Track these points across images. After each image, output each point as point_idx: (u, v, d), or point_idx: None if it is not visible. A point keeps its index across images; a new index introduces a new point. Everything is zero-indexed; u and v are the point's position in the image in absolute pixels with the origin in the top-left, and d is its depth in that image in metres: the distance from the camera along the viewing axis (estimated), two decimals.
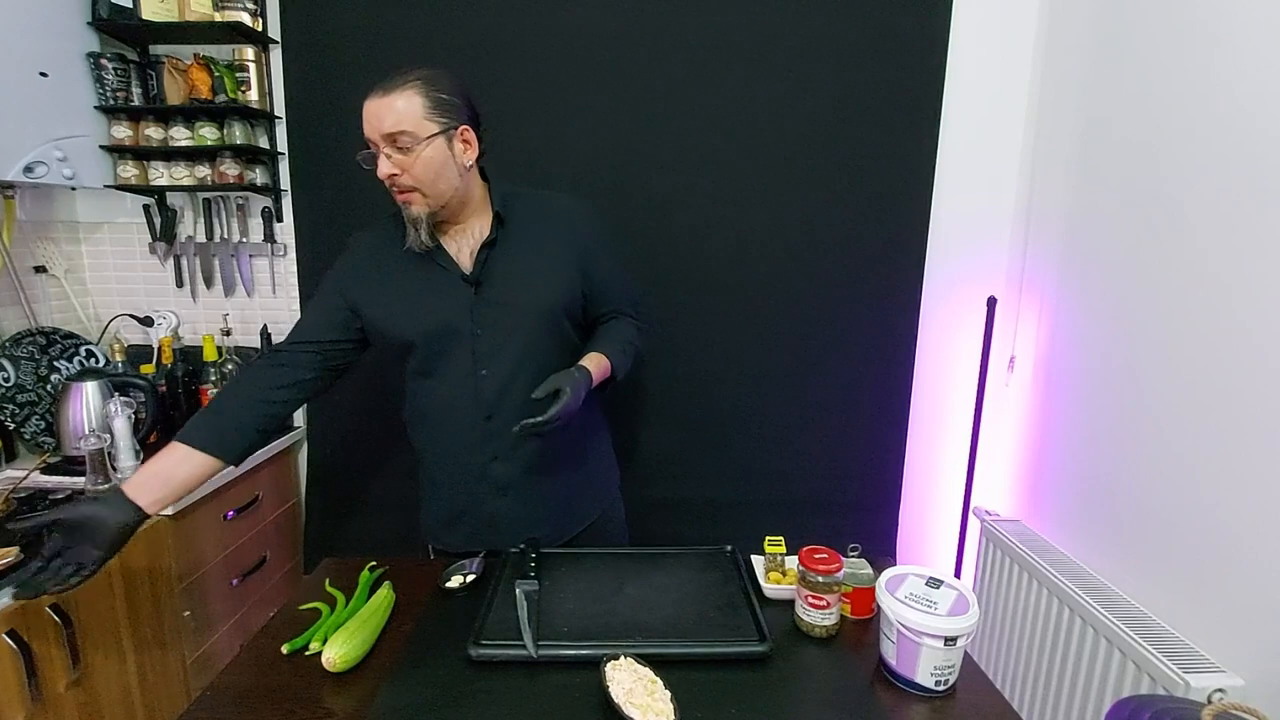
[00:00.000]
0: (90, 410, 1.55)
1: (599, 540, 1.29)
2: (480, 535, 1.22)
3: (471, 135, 1.10)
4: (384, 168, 1.05)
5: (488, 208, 1.17)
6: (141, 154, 1.74)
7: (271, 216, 1.86)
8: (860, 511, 1.88)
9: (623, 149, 1.74)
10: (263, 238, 1.88)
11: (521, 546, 1.13)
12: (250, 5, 1.68)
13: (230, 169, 1.74)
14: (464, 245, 1.16)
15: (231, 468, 1.12)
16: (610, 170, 1.74)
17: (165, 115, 1.72)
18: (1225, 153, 1.14)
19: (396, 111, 1.03)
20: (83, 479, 1.42)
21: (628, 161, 1.74)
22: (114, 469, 1.45)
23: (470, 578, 1.09)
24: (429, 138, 1.05)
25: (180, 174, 1.76)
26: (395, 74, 1.05)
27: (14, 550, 1.15)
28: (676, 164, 1.74)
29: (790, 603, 1.01)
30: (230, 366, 1.83)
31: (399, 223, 1.16)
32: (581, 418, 1.18)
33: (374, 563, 1.13)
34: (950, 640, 0.83)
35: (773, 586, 1.06)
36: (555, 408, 1.04)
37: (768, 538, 1.13)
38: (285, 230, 1.87)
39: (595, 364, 1.15)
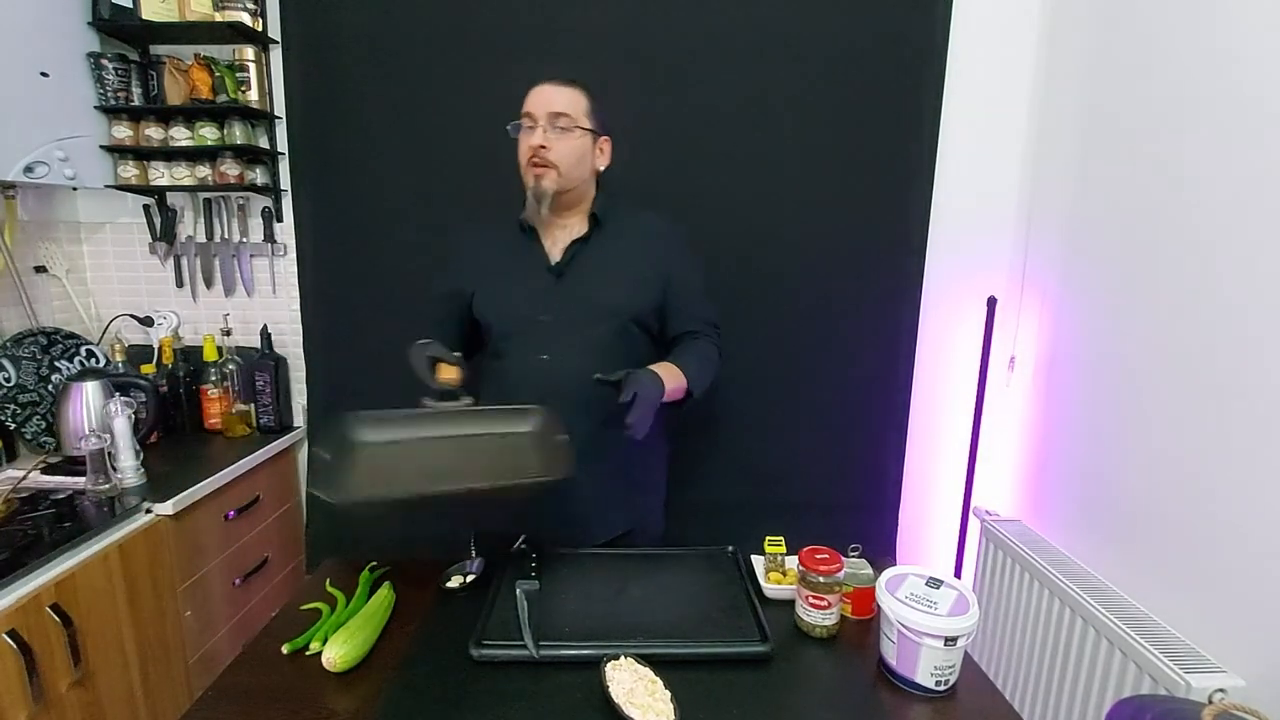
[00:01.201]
0: (91, 410, 1.55)
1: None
2: (514, 521, 1.24)
3: (608, 147, 1.27)
4: (536, 137, 1.17)
5: (588, 209, 1.27)
6: (142, 154, 1.75)
7: (271, 216, 1.87)
8: (860, 512, 1.88)
9: (622, 149, 1.73)
10: (263, 238, 1.88)
11: (522, 547, 1.13)
12: (250, 5, 1.68)
13: (230, 169, 1.74)
14: (559, 240, 1.25)
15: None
16: (609, 170, 1.73)
17: (166, 115, 1.72)
18: (1226, 152, 1.14)
19: (569, 96, 1.18)
20: (83, 479, 1.42)
21: (627, 161, 1.73)
22: (114, 469, 1.45)
23: (471, 578, 1.09)
24: (583, 130, 1.20)
25: (181, 174, 1.76)
26: (563, 75, 1.20)
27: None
28: (676, 164, 1.73)
29: (791, 603, 1.02)
30: (231, 366, 1.83)
31: (505, 216, 1.27)
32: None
33: (374, 563, 1.14)
34: (950, 640, 0.83)
35: (773, 587, 1.06)
36: (631, 390, 1.06)
37: (768, 538, 1.13)
38: (285, 230, 1.87)
39: (669, 374, 1.16)
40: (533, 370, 1.22)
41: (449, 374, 1.17)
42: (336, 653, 0.88)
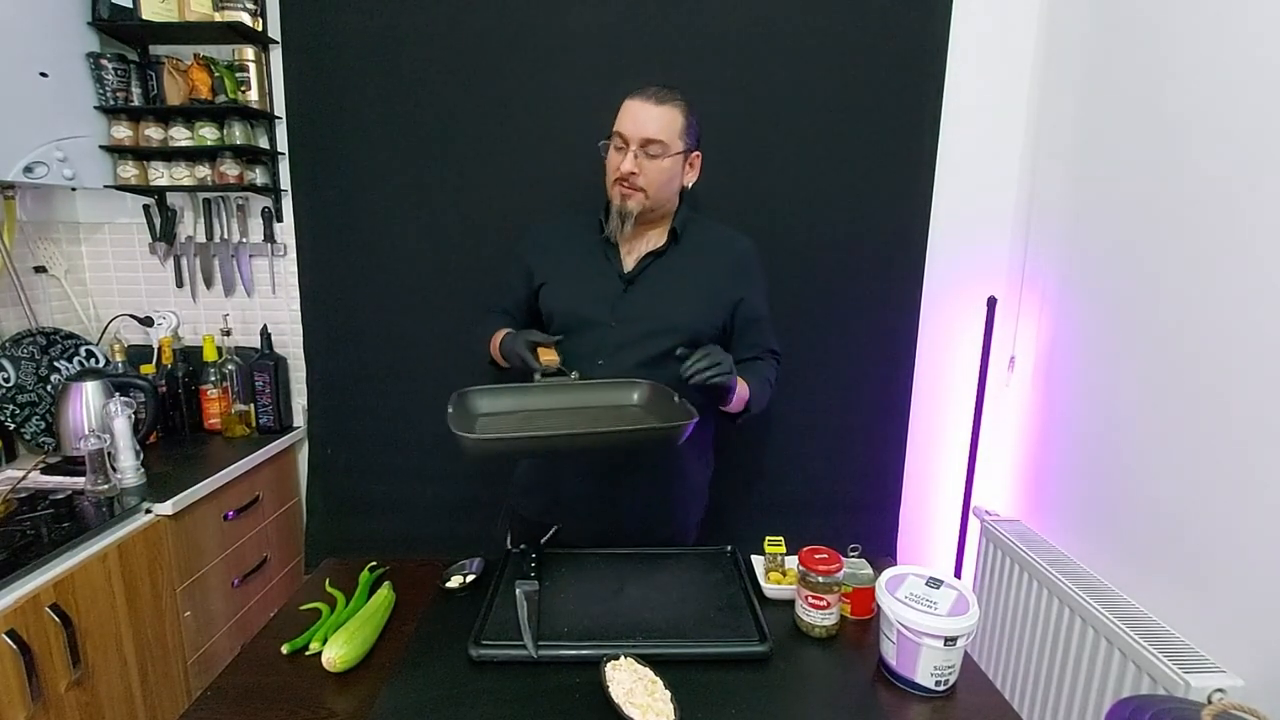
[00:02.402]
0: (90, 410, 1.55)
1: None
2: (552, 511, 1.26)
3: (698, 162, 1.25)
4: (627, 164, 1.16)
5: (668, 222, 1.26)
6: (141, 154, 1.74)
7: (271, 216, 1.86)
8: (860, 512, 1.88)
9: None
10: (263, 238, 1.88)
11: (522, 547, 1.13)
12: (250, 5, 1.68)
13: (230, 169, 1.74)
14: (636, 249, 1.25)
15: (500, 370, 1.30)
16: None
17: (165, 115, 1.72)
18: (1226, 152, 1.14)
19: (662, 120, 1.15)
20: (82, 479, 1.42)
21: None
22: (114, 469, 1.45)
23: (470, 578, 1.09)
24: (676, 154, 1.17)
25: (180, 174, 1.76)
26: (665, 88, 1.18)
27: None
28: None
29: (790, 603, 1.02)
30: (230, 367, 1.83)
31: (587, 214, 1.29)
32: (689, 441, 1.17)
33: (374, 563, 1.13)
34: (950, 640, 0.83)
35: (773, 587, 1.06)
36: (706, 352, 1.08)
37: (768, 538, 1.13)
38: (285, 230, 1.87)
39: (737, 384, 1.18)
40: (590, 371, 1.21)
41: (550, 356, 1.17)
42: (336, 653, 0.88)
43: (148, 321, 1.89)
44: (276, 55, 1.76)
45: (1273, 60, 1.05)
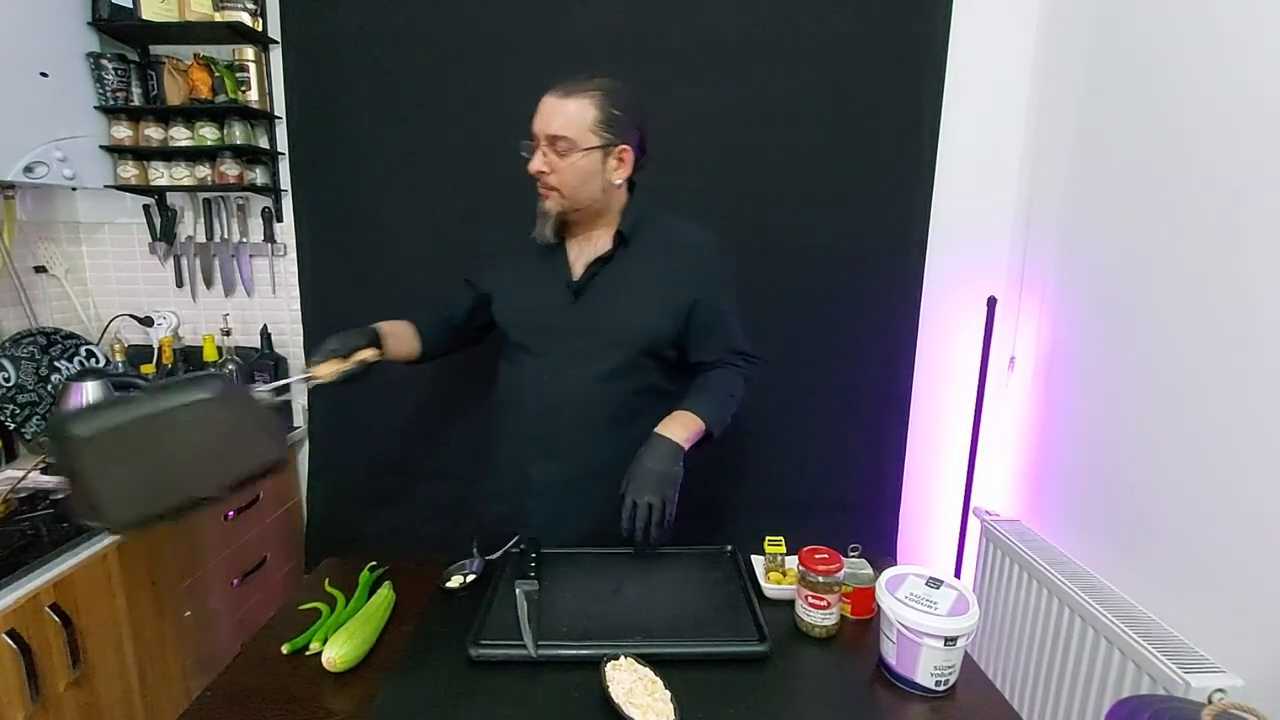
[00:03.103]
0: None
1: None
2: (513, 520, 1.24)
3: (629, 155, 1.13)
4: (535, 163, 1.10)
5: (614, 223, 1.18)
6: (142, 154, 1.74)
7: (271, 216, 1.86)
8: (860, 512, 1.87)
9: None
10: (263, 238, 1.88)
11: (521, 547, 1.13)
12: (250, 5, 1.68)
13: (230, 169, 1.74)
14: (583, 254, 1.18)
15: (410, 363, 1.28)
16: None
17: (165, 115, 1.72)
18: (1225, 152, 1.14)
19: (566, 116, 1.06)
20: None
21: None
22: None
23: (470, 578, 1.09)
24: (587, 150, 1.08)
25: (180, 174, 1.76)
26: (581, 77, 1.09)
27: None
28: (676, 164, 1.73)
29: (790, 603, 1.01)
30: (230, 366, 1.83)
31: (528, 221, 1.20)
32: (632, 449, 1.14)
33: (374, 563, 1.13)
34: (950, 640, 0.83)
35: (773, 586, 1.06)
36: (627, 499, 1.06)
37: (768, 538, 1.13)
38: (285, 230, 1.87)
39: (680, 425, 1.13)
40: (541, 389, 1.20)
41: (330, 369, 1.08)
42: (336, 653, 0.87)
43: (148, 321, 1.89)
44: (276, 55, 1.76)
45: (1272, 60, 1.05)
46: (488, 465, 1.35)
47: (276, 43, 1.75)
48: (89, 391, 1.56)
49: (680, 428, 1.13)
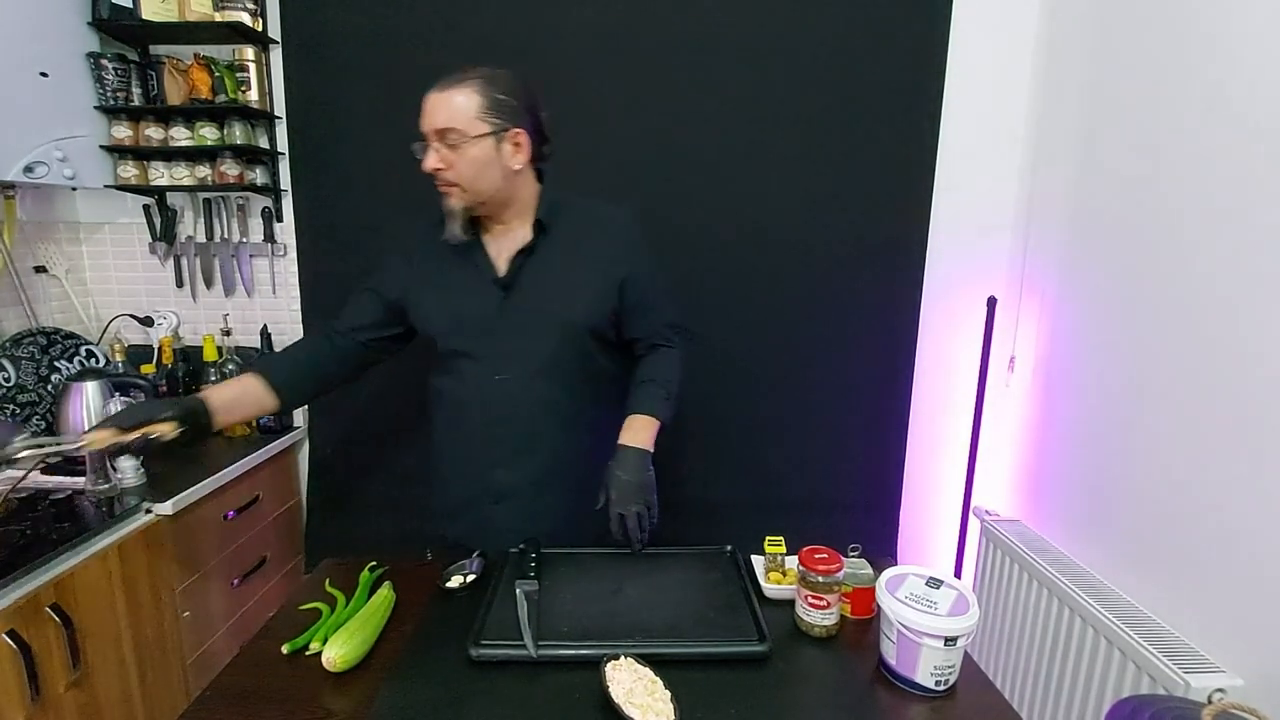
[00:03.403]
0: (90, 410, 1.55)
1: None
2: (476, 534, 1.21)
3: (524, 139, 1.10)
4: (429, 161, 1.08)
5: (530, 212, 1.17)
6: (142, 154, 1.74)
7: (271, 216, 1.86)
8: (860, 511, 1.88)
9: (622, 149, 1.74)
10: (263, 238, 1.88)
11: (521, 546, 1.13)
12: (250, 5, 1.68)
13: (230, 169, 1.74)
14: (505, 247, 1.16)
15: (274, 415, 1.21)
16: (609, 170, 1.74)
17: (165, 115, 1.72)
18: (1226, 152, 1.14)
19: (450, 108, 1.05)
20: (82, 479, 1.42)
21: (627, 161, 1.74)
22: (113, 469, 1.44)
23: (470, 578, 1.09)
24: (477, 137, 1.06)
25: (180, 174, 1.76)
26: (459, 71, 1.07)
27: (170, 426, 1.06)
28: (676, 164, 1.74)
29: (790, 603, 1.01)
30: (231, 366, 1.83)
31: (440, 223, 1.17)
32: (593, 436, 1.20)
33: (374, 563, 1.13)
34: (950, 640, 0.83)
35: (773, 586, 1.06)
36: (612, 509, 1.10)
37: (768, 538, 1.13)
38: (285, 230, 1.87)
39: (639, 430, 1.17)
40: (489, 392, 1.17)
41: (101, 437, 1.00)
42: (336, 653, 0.87)
43: (148, 321, 1.89)
44: (276, 55, 1.76)
45: (1274, 60, 1.05)
46: (434, 489, 1.30)
47: (276, 43, 1.75)
48: (89, 392, 1.56)
49: (642, 433, 1.17)
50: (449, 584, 1.08)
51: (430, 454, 1.30)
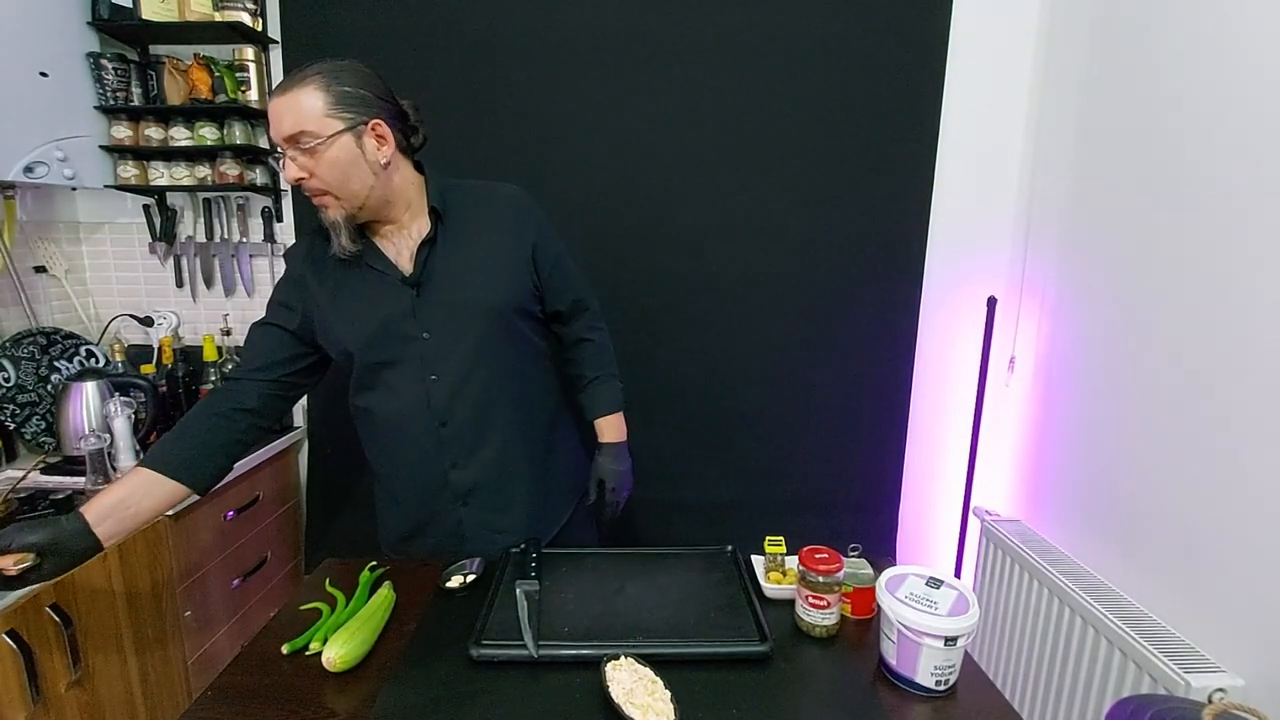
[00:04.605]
0: (90, 410, 1.55)
1: (575, 542, 1.25)
2: (446, 546, 1.19)
3: (385, 130, 1.04)
4: (290, 171, 1.00)
5: (424, 204, 1.11)
6: (142, 154, 1.74)
7: (271, 216, 1.86)
8: (860, 511, 1.88)
9: (622, 149, 1.74)
10: (263, 238, 1.88)
11: (522, 546, 1.13)
12: (250, 5, 1.68)
13: (230, 169, 1.74)
14: (402, 246, 1.11)
15: (196, 496, 1.07)
16: (610, 170, 1.74)
17: (165, 115, 1.72)
18: (1226, 152, 1.14)
19: (296, 111, 0.97)
20: (83, 479, 1.42)
21: (627, 161, 1.74)
22: (114, 469, 1.45)
23: (470, 578, 1.09)
24: (331, 136, 0.99)
25: (180, 174, 1.76)
26: (296, 71, 1.00)
27: (31, 555, 1.07)
28: (676, 164, 1.74)
29: (791, 603, 1.01)
30: (230, 366, 1.83)
31: (321, 237, 1.11)
32: (546, 414, 1.25)
33: (374, 563, 1.13)
34: (950, 640, 0.83)
35: (773, 586, 1.06)
36: (609, 499, 1.25)
37: (768, 538, 1.13)
38: (285, 230, 1.87)
39: (614, 428, 1.31)
40: (424, 394, 1.11)
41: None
42: (336, 653, 0.87)
43: (148, 321, 1.89)
44: (276, 55, 1.76)
45: (1274, 62, 1.05)
46: (386, 515, 1.25)
47: (276, 43, 1.75)
48: (89, 392, 1.56)
49: (617, 428, 1.31)
50: (449, 584, 1.08)
51: (371, 481, 1.26)
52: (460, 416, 1.14)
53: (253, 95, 1.74)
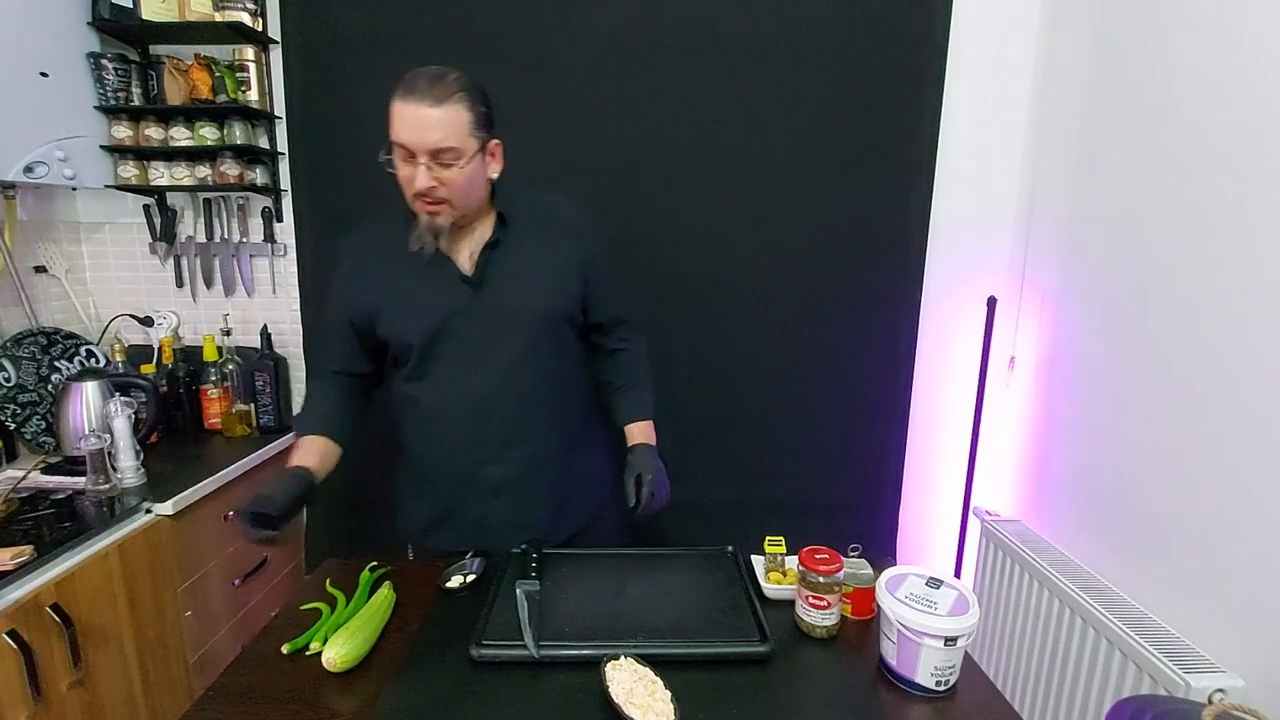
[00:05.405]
0: (90, 410, 1.55)
1: (592, 543, 1.27)
2: (468, 537, 1.21)
3: (499, 149, 1.10)
4: (422, 180, 1.02)
5: (489, 208, 1.15)
6: (142, 154, 1.74)
7: (271, 216, 1.86)
8: (860, 512, 1.88)
9: (624, 149, 1.74)
10: (263, 238, 1.88)
11: (523, 546, 1.13)
12: (250, 5, 1.68)
13: (230, 169, 1.74)
14: (464, 246, 1.14)
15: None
16: (610, 170, 1.74)
17: (166, 115, 1.72)
18: (1226, 152, 1.14)
19: (445, 125, 0.99)
20: (83, 479, 1.42)
21: (628, 162, 1.74)
22: (114, 469, 1.45)
23: (471, 578, 1.09)
24: (472, 155, 1.03)
25: (180, 174, 1.76)
26: (437, 80, 1.00)
27: (28, 549, 1.16)
28: (677, 164, 1.74)
29: (791, 603, 1.02)
30: (230, 366, 1.83)
31: (394, 222, 1.15)
32: (580, 416, 1.25)
33: (375, 563, 1.14)
34: (950, 640, 0.83)
35: (773, 587, 1.06)
36: (646, 490, 1.14)
37: (768, 538, 1.13)
38: (285, 230, 1.87)
39: (644, 433, 1.27)
40: (465, 391, 1.15)
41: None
42: (336, 653, 0.88)
43: (148, 321, 1.90)
44: (276, 55, 1.76)
45: (1274, 61, 1.05)
46: (412, 499, 1.28)
47: (276, 43, 1.75)
48: (89, 392, 1.56)
49: (644, 434, 1.27)
50: (449, 584, 1.08)
51: (402, 465, 1.29)
52: (501, 414, 1.17)
53: (253, 95, 1.74)
